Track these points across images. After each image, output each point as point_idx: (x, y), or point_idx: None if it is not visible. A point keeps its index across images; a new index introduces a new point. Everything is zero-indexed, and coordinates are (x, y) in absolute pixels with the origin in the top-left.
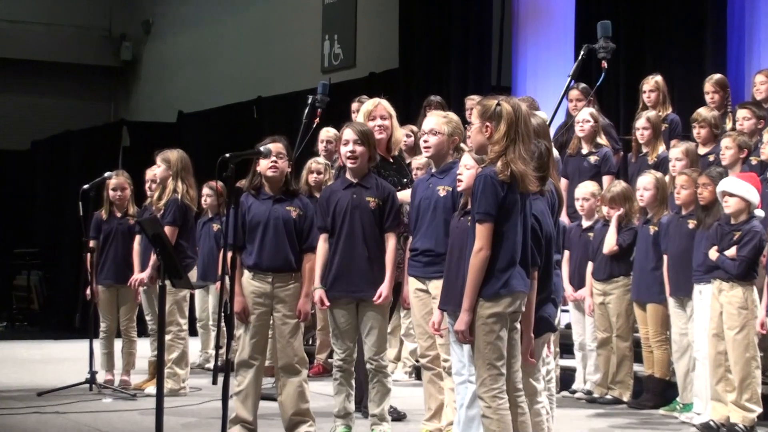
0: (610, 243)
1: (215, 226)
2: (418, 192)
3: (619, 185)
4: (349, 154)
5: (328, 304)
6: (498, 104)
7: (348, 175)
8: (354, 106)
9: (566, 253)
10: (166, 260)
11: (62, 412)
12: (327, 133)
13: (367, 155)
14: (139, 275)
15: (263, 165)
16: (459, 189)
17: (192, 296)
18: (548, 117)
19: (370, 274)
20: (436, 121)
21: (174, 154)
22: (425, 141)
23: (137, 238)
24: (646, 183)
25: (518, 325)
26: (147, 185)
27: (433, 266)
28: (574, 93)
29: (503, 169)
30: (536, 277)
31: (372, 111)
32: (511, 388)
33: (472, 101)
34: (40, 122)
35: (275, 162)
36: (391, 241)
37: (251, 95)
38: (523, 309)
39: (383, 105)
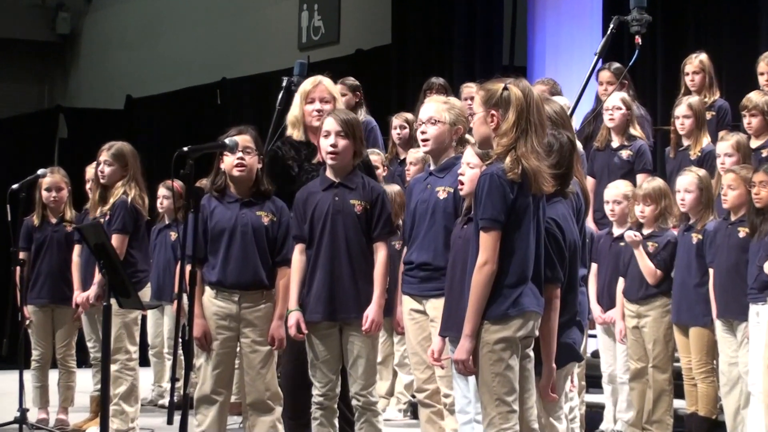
0: (647, 269)
1: (172, 235)
2: (413, 194)
3: (656, 181)
4: (330, 149)
5: (305, 330)
6: (505, 88)
7: (329, 174)
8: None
9: (593, 266)
10: (113, 275)
11: None
12: None
13: (352, 150)
14: (82, 294)
15: (228, 161)
16: (461, 192)
17: (144, 318)
18: (571, 104)
19: (356, 292)
20: (436, 107)
21: (128, 150)
22: (423, 132)
23: (76, 249)
24: (687, 183)
25: (531, 353)
26: (88, 185)
27: (431, 282)
28: (603, 75)
29: (513, 167)
30: (558, 295)
31: (310, 92)
32: (525, 428)
33: (469, 89)
34: None
35: (242, 158)
36: (381, 253)
37: (214, 77)
38: (536, 333)
39: (325, 85)
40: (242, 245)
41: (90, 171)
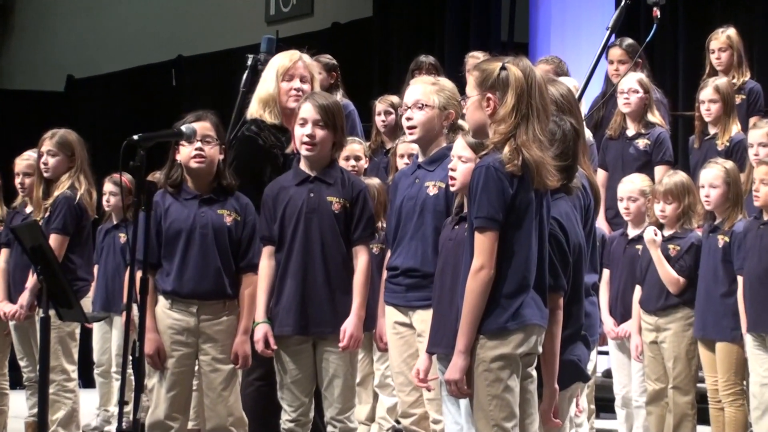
0: (669, 277)
1: (121, 237)
2: (399, 189)
3: (677, 174)
4: (305, 139)
5: (274, 345)
6: (503, 68)
7: (303, 166)
8: None
9: (605, 273)
10: (51, 282)
11: None
12: None
13: (331, 140)
14: (9, 306)
15: (185, 152)
16: (452, 188)
17: (87, 333)
18: (579, 85)
19: (332, 303)
20: (423, 89)
21: (75, 138)
22: (408, 118)
23: (3, 253)
24: (712, 177)
25: (533, 372)
26: (18, 179)
27: (418, 291)
28: (615, 52)
29: (512, 158)
30: (561, 305)
31: (289, 68)
32: None
33: (475, 59)
34: None
35: (201, 148)
36: (361, 258)
37: (168, 54)
38: (540, 349)
39: (305, 62)
40: (201, 248)
41: (22, 162)
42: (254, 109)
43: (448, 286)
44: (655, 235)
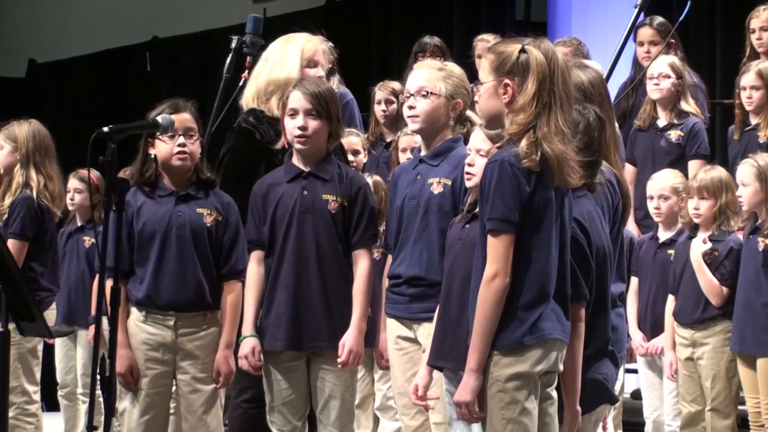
0: (711, 286)
1: (86, 240)
2: (400, 186)
3: (714, 169)
4: (298, 132)
5: (259, 361)
6: (522, 50)
7: (296, 161)
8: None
9: (634, 281)
10: (11, 293)
11: None
12: None
13: (327, 131)
14: None
15: (165, 148)
16: (469, 185)
17: (49, 350)
18: (603, 70)
19: (329, 314)
20: (428, 75)
21: (24, 129)
22: (410, 107)
23: None
24: (743, 174)
25: (554, 393)
26: None
27: (423, 302)
28: (645, 32)
29: (530, 151)
30: (583, 317)
31: (315, 54)
32: None
33: (485, 44)
34: None
35: (183, 144)
36: (362, 264)
37: (142, 36)
38: (561, 367)
39: (326, 50)
40: (178, 252)
41: None
42: (255, 96)
43: (456, 291)
44: (704, 244)
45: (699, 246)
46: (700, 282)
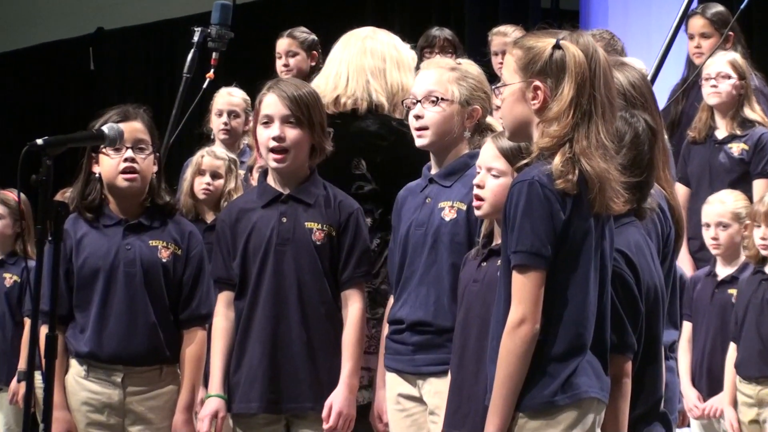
0: None
1: (8, 278)
2: (404, 211)
3: None
4: (273, 144)
5: (220, 426)
6: (557, 46)
7: (272, 181)
8: (281, 44)
9: (686, 326)
10: None
11: None
12: (230, 97)
13: (309, 144)
14: None
15: (109, 164)
16: (478, 213)
17: None
18: (647, 69)
19: (313, 369)
20: (438, 77)
21: None
22: (417, 116)
23: None
24: None
25: None
26: None
27: (430, 353)
28: (695, 23)
29: (566, 170)
30: (629, 373)
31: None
32: None
33: (502, 38)
34: None
35: (132, 158)
36: (354, 306)
37: (84, 28)
38: (599, 431)
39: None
40: (127, 294)
41: None
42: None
43: (472, 346)
44: None
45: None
46: None
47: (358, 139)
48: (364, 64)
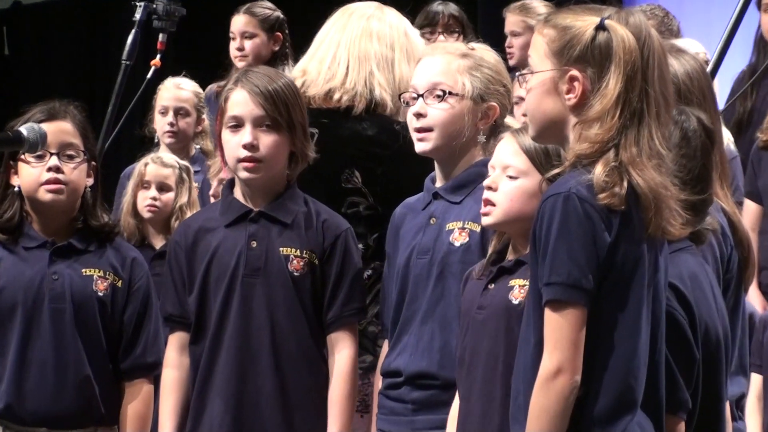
0: None
1: None
2: (403, 235)
3: None
4: (243, 153)
5: None
6: (601, 26)
7: (239, 195)
8: (236, 21)
9: (756, 379)
10: None
11: None
12: (177, 91)
13: (287, 150)
14: None
15: (30, 174)
16: (486, 222)
17: None
18: (707, 54)
19: (290, 429)
20: (446, 65)
21: None
22: (419, 114)
23: None
24: None
25: None
26: None
27: (433, 412)
28: None
29: (611, 181)
30: None
31: None
32: None
33: (517, 16)
34: None
35: (59, 168)
36: (344, 353)
37: None
38: None
39: None
40: (54, 336)
41: None
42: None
43: (477, 392)
44: None
45: None
46: None
47: (351, 144)
48: (369, 50)
